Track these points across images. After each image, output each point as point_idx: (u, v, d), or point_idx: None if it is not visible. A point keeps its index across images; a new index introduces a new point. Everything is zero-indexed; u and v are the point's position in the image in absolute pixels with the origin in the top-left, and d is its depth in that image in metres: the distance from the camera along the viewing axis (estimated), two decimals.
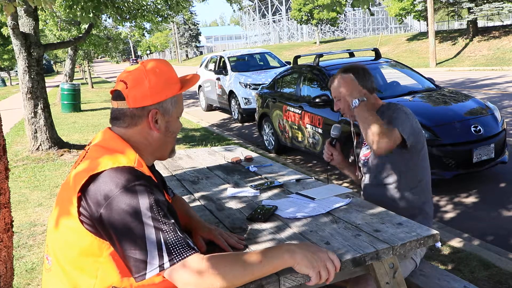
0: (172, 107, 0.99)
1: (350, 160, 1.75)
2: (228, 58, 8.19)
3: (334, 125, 1.69)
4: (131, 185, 0.85)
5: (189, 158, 2.17)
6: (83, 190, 0.87)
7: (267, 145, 5.17)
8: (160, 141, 1.00)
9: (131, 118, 0.96)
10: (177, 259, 0.82)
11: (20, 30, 4.86)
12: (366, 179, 1.63)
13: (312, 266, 0.88)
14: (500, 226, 2.66)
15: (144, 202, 0.84)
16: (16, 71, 23.21)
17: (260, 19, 47.99)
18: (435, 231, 1.10)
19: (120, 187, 0.84)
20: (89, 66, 18.92)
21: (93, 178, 0.87)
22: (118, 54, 25.03)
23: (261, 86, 5.84)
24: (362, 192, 1.67)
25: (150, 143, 0.99)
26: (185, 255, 0.83)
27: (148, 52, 38.31)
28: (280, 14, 44.22)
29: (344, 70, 1.54)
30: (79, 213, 0.87)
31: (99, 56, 25.74)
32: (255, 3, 46.90)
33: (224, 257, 0.87)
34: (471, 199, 3.14)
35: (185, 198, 1.49)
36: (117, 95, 0.96)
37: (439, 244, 1.80)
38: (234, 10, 7.46)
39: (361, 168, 1.67)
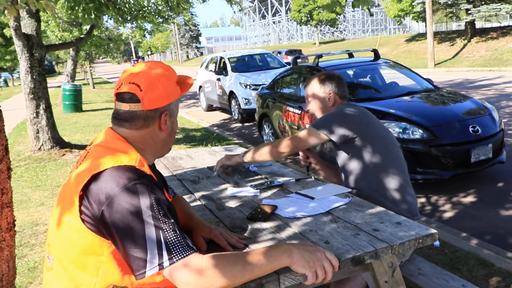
0: (176, 108, 1.04)
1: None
2: (229, 59, 8.20)
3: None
4: (132, 184, 0.86)
5: (190, 158, 2.19)
6: (85, 189, 0.88)
7: None
8: (165, 140, 1.03)
9: (144, 120, 0.97)
10: (177, 258, 0.83)
11: (22, 31, 4.87)
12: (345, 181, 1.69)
13: (308, 265, 0.89)
14: (498, 225, 2.68)
15: (145, 201, 0.85)
16: (18, 72, 23.21)
17: (260, 20, 47.99)
18: (433, 230, 1.11)
19: (121, 186, 0.85)
20: (90, 66, 18.94)
21: (95, 177, 0.88)
22: (119, 55, 25.05)
23: (261, 86, 5.85)
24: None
25: (156, 143, 1.01)
26: (184, 255, 0.83)
27: (149, 53, 38.31)
28: (280, 15, 44.22)
29: (318, 77, 1.74)
30: (81, 212, 0.88)
31: (101, 57, 25.76)
32: (255, 4, 46.92)
33: (224, 257, 0.87)
34: (469, 199, 3.15)
35: (186, 197, 1.50)
36: (129, 98, 0.96)
37: (437, 243, 1.81)
38: (234, 11, 7.48)
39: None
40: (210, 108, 9.16)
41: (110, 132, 0.99)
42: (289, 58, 17.25)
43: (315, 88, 1.73)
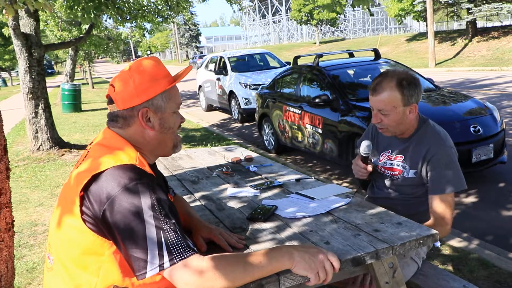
0: (164, 103, 0.97)
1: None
2: (228, 58, 8.19)
3: (363, 142, 1.47)
4: (133, 183, 0.85)
5: (189, 158, 2.18)
6: (86, 189, 0.87)
7: (267, 145, 5.17)
8: (158, 138, 0.99)
9: (123, 119, 0.97)
10: (177, 259, 0.83)
11: (21, 30, 4.87)
12: (380, 191, 1.56)
13: (310, 268, 0.89)
14: (499, 226, 2.67)
15: (146, 200, 0.85)
16: (17, 72, 23.26)
17: (260, 19, 48.01)
18: (434, 231, 1.11)
19: (122, 186, 0.85)
20: (89, 66, 18.93)
21: (95, 177, 0.87)
22: (119, 54, 25.08)
23: (261, 86, 5.84)
24: (367, 195, 1.64)
25: (148, 142, 0.99)
26: (185, 256, 0.83)
27: (148, 52, 38.36)
28: (280, 14, 44.24)
29: (399, 82, 1.36)
30: (82, 212, 0.87)
31: (100, 57, 25.78)
32: (255, 4, 46.93)
33: (224, 258, 0.87)
34: (470, 199, 3.14)
35: (186, 198, 1.50)
36: (109, 99, 0.99)
37: (438, 244, 1.79)
38: (234, 11, 7.48)
39: (376, 177, 1.58)
40: (210, 108, 9.15)
41: (108, 130, 1.00)
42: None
43: (395, 98, 1.35)
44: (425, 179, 1.43)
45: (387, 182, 1.53)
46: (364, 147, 1.47)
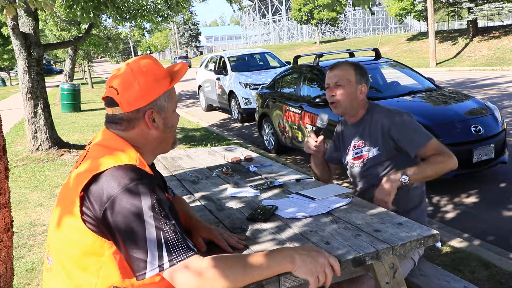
0: (166, 102, 0.98)
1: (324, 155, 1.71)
2: (228, 58, 8.18)
3: (321, 113, 1.61)
4: (134, 184, 0.85)
5: (189, 158, 2.17)
6: (86, 190, 0.87)
7: (267, 145, 5.17)
8: (160, 138, 1.00)
9: (128, 122, 0.96)
10: (177, 260, 0.82)
11: (20, 30, 4.86)
12: (361, 184, 1.61)
13: (310, 272, 0.88)
14: (501, 226, 2.66)
15: (146, 201, 0.84)
16: (16, 71, 23.26)
17: (260, 19, 48.01)
18: (435, 231, 1.10)
19: (122, 186, 0.84)
20: (89, 66, 18.94)
21: (95, 177, 0.87)
22: (118, 54, 25.07)
23: (261, 86, 5.84)
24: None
25: (150, 142, 0.99)
26: (184, 256, 0.83)
27: (148, 52, 38.37)
28: (280, 14, 44.24)
29: (353, 64, 1.60)
30: (82, 213, 0.87)
31: (99, 56, 25.78)
32: (255, 3, 46.92)
33: (224, 259, 0.87)
34: (471, 199, 3.14)
35: (185, 198, 1.49)
36: (110, 102, 0.96)
37: (439, 244, 1.79)
38: (234, 10, 7.48)
39: (352, 174, 1.64)
40: (209, 108, 9.14)
41: (107, 131, 0.99)
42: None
43: (351, 75, 1.55)
44: (392, 151, 1.52)
45: (362, 172, 1.59)
46: (320, 117, 1.60)
